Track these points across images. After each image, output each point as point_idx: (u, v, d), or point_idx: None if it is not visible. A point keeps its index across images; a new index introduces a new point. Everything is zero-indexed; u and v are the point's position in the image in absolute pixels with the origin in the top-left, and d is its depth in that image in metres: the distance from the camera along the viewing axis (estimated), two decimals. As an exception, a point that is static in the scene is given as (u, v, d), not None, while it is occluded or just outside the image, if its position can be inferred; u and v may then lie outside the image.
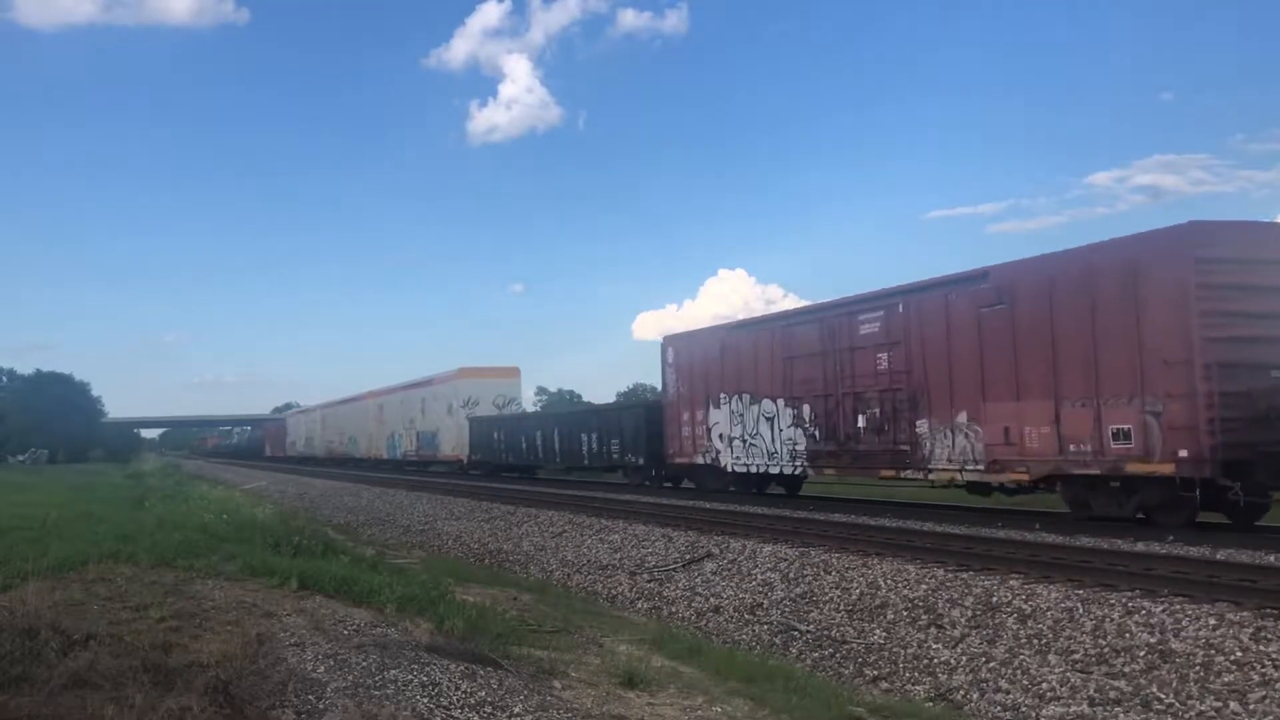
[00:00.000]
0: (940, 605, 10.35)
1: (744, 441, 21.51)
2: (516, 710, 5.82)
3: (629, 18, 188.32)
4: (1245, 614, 8.27)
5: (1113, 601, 9.20)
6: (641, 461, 26.82)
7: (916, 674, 9.19)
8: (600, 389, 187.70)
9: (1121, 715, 7.34)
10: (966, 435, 15.67)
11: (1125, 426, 13.20)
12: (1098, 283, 13.60)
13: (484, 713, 5.66)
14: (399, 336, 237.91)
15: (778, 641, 10.90)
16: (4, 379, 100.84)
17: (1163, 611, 8.70)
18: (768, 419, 20.62)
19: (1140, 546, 11.90)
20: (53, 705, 4.89)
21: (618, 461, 28.32)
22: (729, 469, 22.35)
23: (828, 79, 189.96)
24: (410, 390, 50.27)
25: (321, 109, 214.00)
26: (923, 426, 16.65)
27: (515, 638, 8.73)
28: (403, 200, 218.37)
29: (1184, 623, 8.39)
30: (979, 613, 9.88)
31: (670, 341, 25.27)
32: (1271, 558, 10.69)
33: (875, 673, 9.49)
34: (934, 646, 9.54)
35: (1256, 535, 12.45)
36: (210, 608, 8.00)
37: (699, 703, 7.03)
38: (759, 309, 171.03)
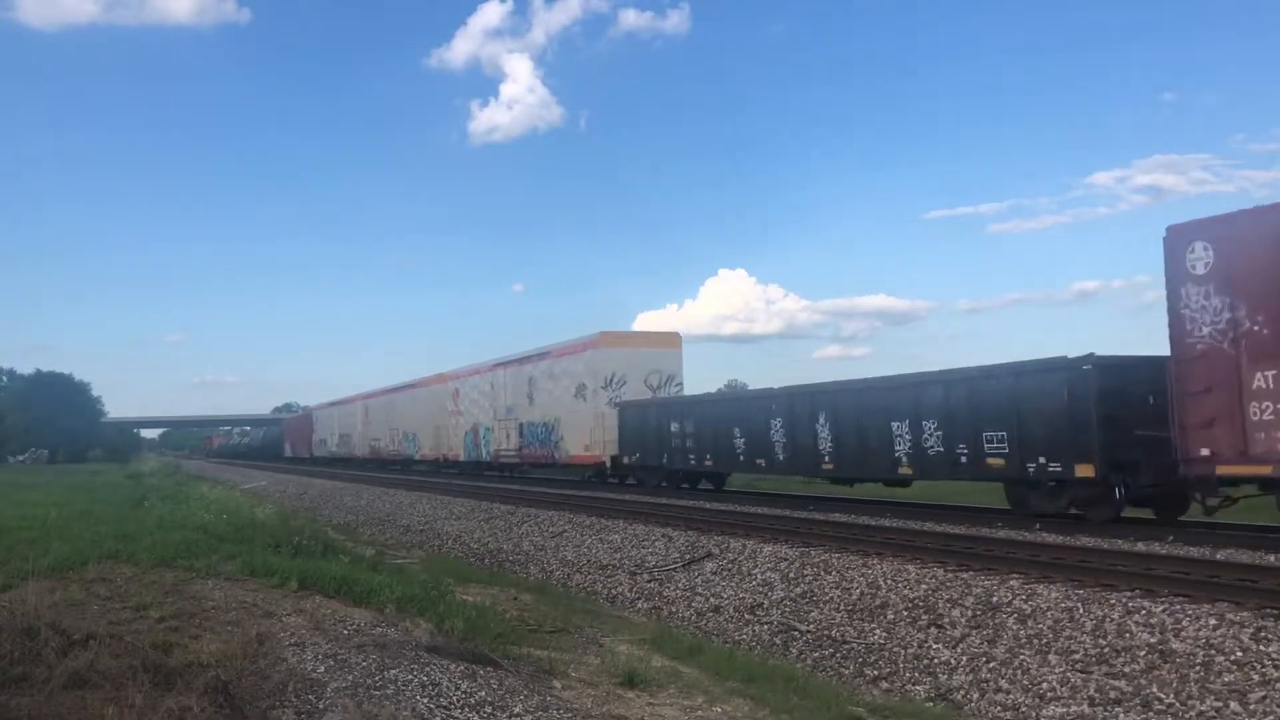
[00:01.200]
0: (940, 605, 10.35)
1: None
2: (516, 710, 5.82)
3: (630, 17, 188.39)
4: (1245, 614, 8.27)
5: (1113, 601, 9.19)
6: (1087, 472, 14.05)
7: (916, 674, 9.19)
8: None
9: (1122, 715, 7.34)
10: None
11: None
12: None
13: (484, 713, 5.66)
14: (400, 337, 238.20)
15: (778, 641, 10.90)
16: (4, 379, 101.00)
17: (1163, 611, 8.70)
18: None
19: (1140, 546, 11.91)
20: (53, 705, 4.89)
21: (1001, 471, 15.62)
22: None
23: (828, 79, 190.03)
24: (509, 368, 36.99)
25: (322, 109, 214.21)
26: None
27: (515, 638, 8.74)
28: (403, 200, 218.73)
29: (1184, 623, 8.38)
30: (979, 613, 9.88)
31: (1205, 232, 12.40)
32: (1271, 558, 10.70)
33: (875, 673, 9.49)
34: (934, 646, 9.54)
35: (1256, 535, 12.45)
36: (210, 608, 8.00)
37: (699, 703, 7.04)
38: (760, 309, 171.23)
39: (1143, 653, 8.10)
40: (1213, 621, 8.26)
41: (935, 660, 9.28)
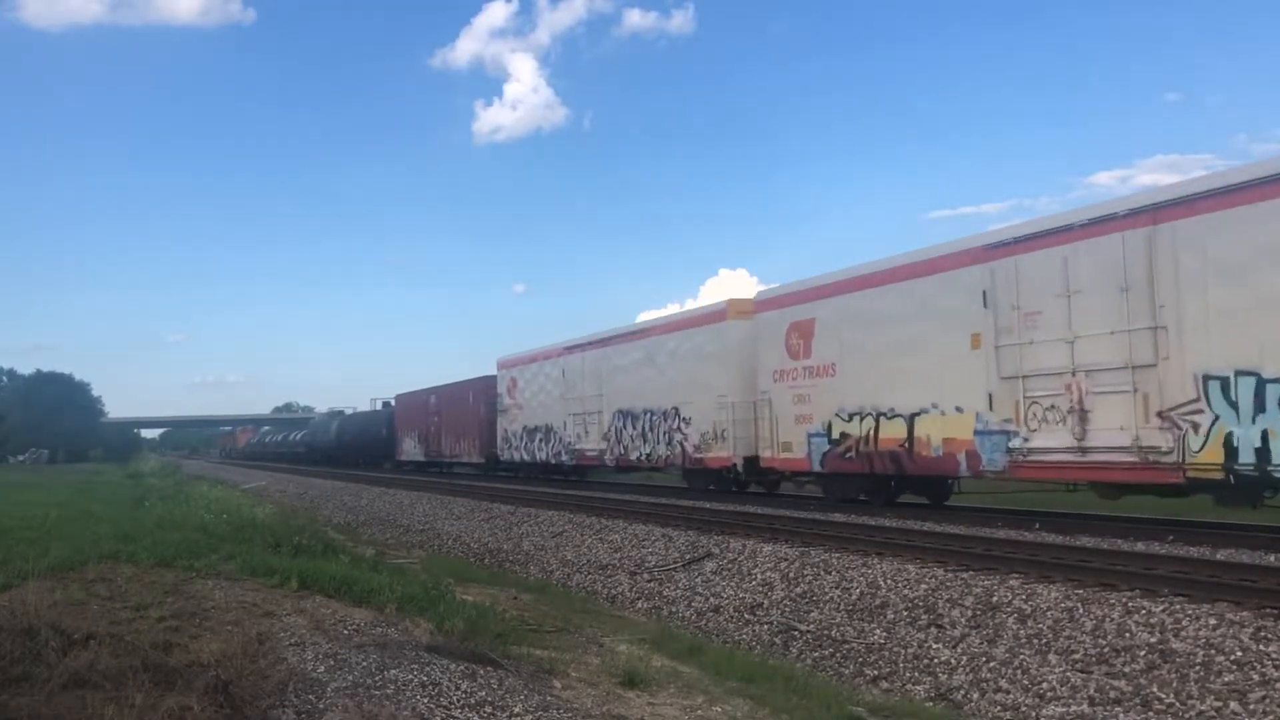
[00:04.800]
0: (940, 605, 10.35)
1: None
2: (516, 710, 5.82)
3: (635, 18, 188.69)
4: (1245, 614, 8.27)
5: (1113, 601, 9.19)
6: None
7: (916, 674, 9.19)
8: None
9: (1121, 715, 7.34)
10: None
11: None
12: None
13: (484, 713, 5.66)
14: (400, 336, 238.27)
15: (778, 641, 10.90)
16: (4, 379, 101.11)
17: (1163, 611, 8.70)
18: None
19: (1140, 546, 11.90)
20: (53, 705, 4.90)
21: None
22: None
23: (830, 79, 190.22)
24: None
25: (326, 109, 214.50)
26: None
27: (515, 637, 8.73)
28: (406, 200, 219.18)
29: (1184, 623, 8.38)
30: (979, 613, 9.88)
31: None
32: (1271, 558, 10.70)
33: (875, 672, 9.49)
34: (934, 646, 9.54)
35: (1256, 535, 12.44)
36: (210, 607, 8.00)
37: (699, 702, 7.04)
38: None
39: (1143, 653, 8.10)
40: (1213, 621, 8.25)
41: (935, 660, 9.28)
